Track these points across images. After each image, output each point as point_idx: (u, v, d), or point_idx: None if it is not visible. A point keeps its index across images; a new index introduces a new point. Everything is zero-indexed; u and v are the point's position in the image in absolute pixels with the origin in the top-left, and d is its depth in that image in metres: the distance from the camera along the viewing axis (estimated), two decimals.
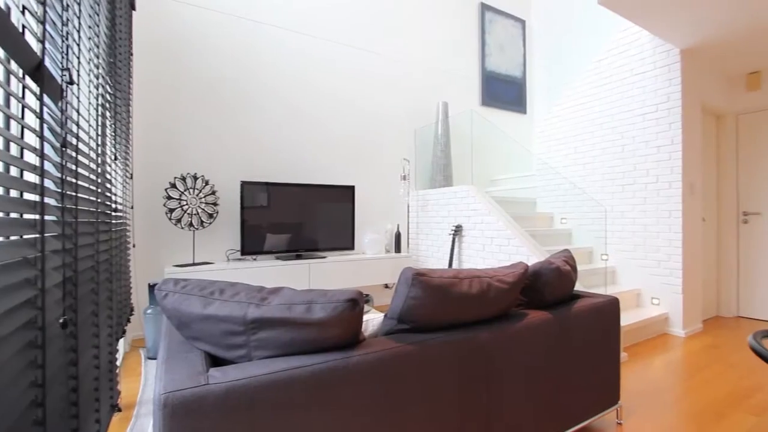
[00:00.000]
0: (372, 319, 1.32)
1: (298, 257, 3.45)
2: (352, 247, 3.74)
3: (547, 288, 1.54)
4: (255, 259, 3.34)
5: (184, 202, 3.01)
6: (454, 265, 3.75)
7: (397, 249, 4.07)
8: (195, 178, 3.06)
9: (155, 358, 2.57)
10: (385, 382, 1.05)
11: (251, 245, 3.23)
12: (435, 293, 1.15)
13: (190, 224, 3.03)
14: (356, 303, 0.97)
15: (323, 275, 3.40)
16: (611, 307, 1.78)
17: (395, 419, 1.07)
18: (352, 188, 3.74)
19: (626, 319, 3.05)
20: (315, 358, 0.97)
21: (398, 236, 4.07)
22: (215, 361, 1.01)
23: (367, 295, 2.92)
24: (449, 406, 1.19)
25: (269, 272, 3.14)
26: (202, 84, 3.28)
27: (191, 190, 3.04)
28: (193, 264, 3.02)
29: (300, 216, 3.47)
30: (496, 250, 3.29)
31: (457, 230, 3.66)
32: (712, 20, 2.83)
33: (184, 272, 2.82)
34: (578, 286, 2.85)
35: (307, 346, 0.99)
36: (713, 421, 1.91)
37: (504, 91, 5.08)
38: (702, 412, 2.00)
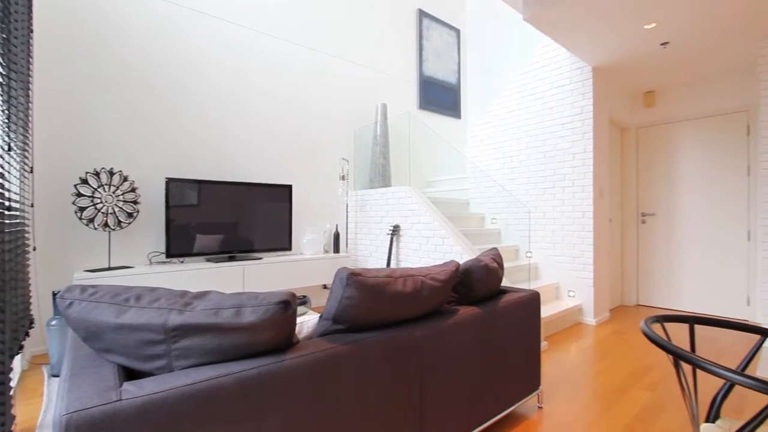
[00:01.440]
0: (307, 321, 1.29)
1: (232, 259, 3.28)
2: (289, 248, 3.65)
3: (477, 284, 1.62)
4: (182, 262, 3.12)
5: (98, 200, 2.72)
6: (393, 264, 3.82)
7: (336, 249, 4.05)
8: (111, 173, 2.78)
9: (59, 375, 2.29)
10: (320, 384, 1.04)
11: (178, 247, 3.01)
12: (370, 293, 1.16)
13: (105, 224, 2.74)
14: (289, 305, 0.95)
15: (259, 277, 3.27)
16: (533, 301, 1.93)
17: (330, 420, 1.06)
18: (289, 187, 3.64)
19: (547, 310, 3.32)
20: (244, 364, 0.93)
21: (337, 236, 4.05)
22: (131, 375, 0.93)
23: (303, 297, 2.87)
24: (384, 403, 1.21)
25: (198, 275, 2.95)
26: (124, 68, 2.98)
27: (106, 187, 2.76)
28: (109, 269, 2.74)
29: (234, 216, 3.31)
30: (432, 249, 3.41)
31: (395, 230, 3.73)
32: (612, 45, 3.19)
33: (98, 278, 2.55)
34: (505, 282, 3.04)
35: (237, 352, 0.95)
36: (617, 398, 2.15)
37: (440, 96, 5.27)
38: (609, 391, 2.25)
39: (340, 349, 1.09)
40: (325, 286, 4.15)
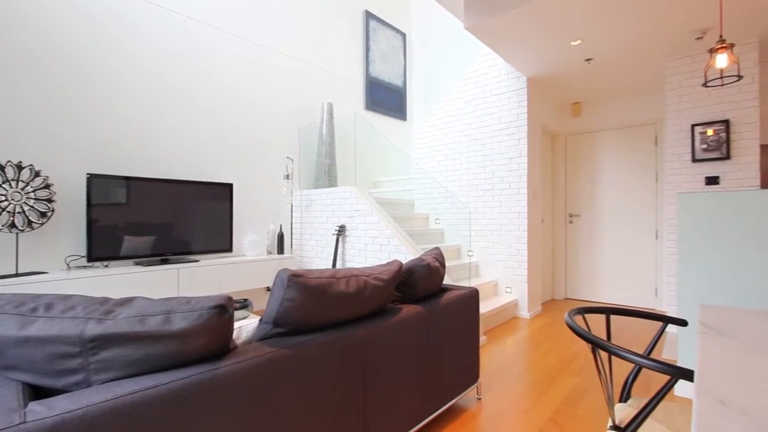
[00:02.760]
0: (246, 325, 1.25)
1: (165, 262, 3.06)
2: (230, 249, 3.49)
3: (419, 283, 1.67)
4: (107, 266, 2.86)
5: (2, 198, 2.40)
6: (339, 265, 3.80)
7: (281, 250, 3.94)
8: (19, 167, 2.47)
9: None
10: (259, 391, 1.01)
11: (102, 249, 2.75)
12: (312, 294, 1.15)
13: (12, 225, 2.43)
14: (225, 309, 0.91)
15: (196, 281, 3.08)
16: (472, 298, 2.02)
17: (270, 428, 1.03)
18: (230, 186, 3.48)
19: (486, 306, 3.49)
20: (175, 374, 0.87)
21: (281, 237, 3.94)
22: (41, 394, 0.83)
23: (244, 300, 2.75)
24: (327, 406, 1.20)
25: (126, 281, 2.71)
26: (37, 49, 2.66)
27: (13, 183, 2.44)
28: (16, 275, 2.43)
29: (169, 215, 3.09)
30: (377, 249, 3.44)
31: (341, 230, 3.71)
32: (544, 58, 3.44)
33: (1, 286, 2.25)
34: (447, 280, 3.15)
35: (166, 362, 0.89)
36: (548, 385, 2.32)
37: (386, 98, 5.34)
38: (540, 379, 2.41)
39: (280, 353, 1.07)
40: (268, 289, 4.02)
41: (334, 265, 3.73)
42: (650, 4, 2.62)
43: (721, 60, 2.20)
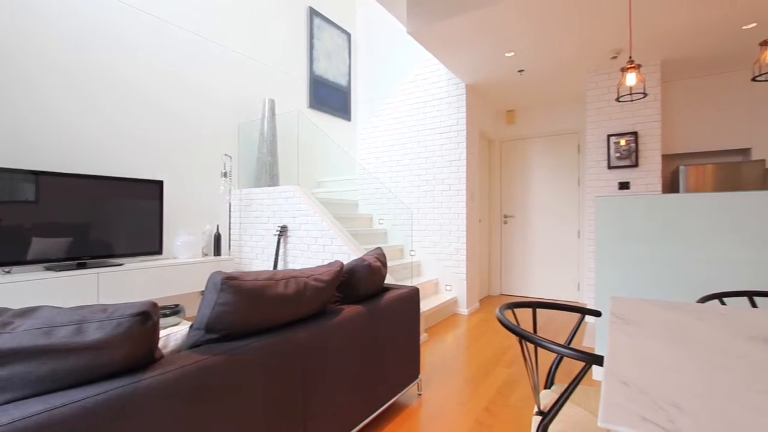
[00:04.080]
0: (175, 333, 1.17)
1: (82, 266, 2.77)
2: (159, 252, 3.24)
3: (361, 283, 1.67)
4: (8, 272, 2.52)
5: None
6: (280, 266, 3.69)
7: (217, 252, 3.74)
8: None
9: None
10: (188, 402, 0.95)
11: (2, 253, 2.42)
12: (248, 297, 1.10)
13: None
14: (148, 316, 0.84)
15: (119, 287, 2.82)
16: (413, 296, 2.07)
17: None
18: (160, 183, 3.23)
19: (427, 304, 3.60)
20: (89, 390, 0.79)
21: (218, 238, 3.74)
22: None
23: (175, 306, 2.58)
24: (264, 412, 1.16)
25: (33, 288, 2.41)
26: None
27: None
28: None
29: (87, 215, 2.80)
30: (320, 249, 3.39)
31: (283, 230, 3.61)
32: (480, 67, 3.63)
33: None
34: (390, 280, 3.20)
35: (79, 377, 0.80)
36: (483, 377, 2.44)
37: (331, 97, 5.28)
38: (477, 372, 2.53)
39: (213, 360, 1.01)
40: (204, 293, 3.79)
41: (275, 266, 3.62)
42: (571, 26, 2.87)
43: (631, 78, 2.47)
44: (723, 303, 1.43)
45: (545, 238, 4.75)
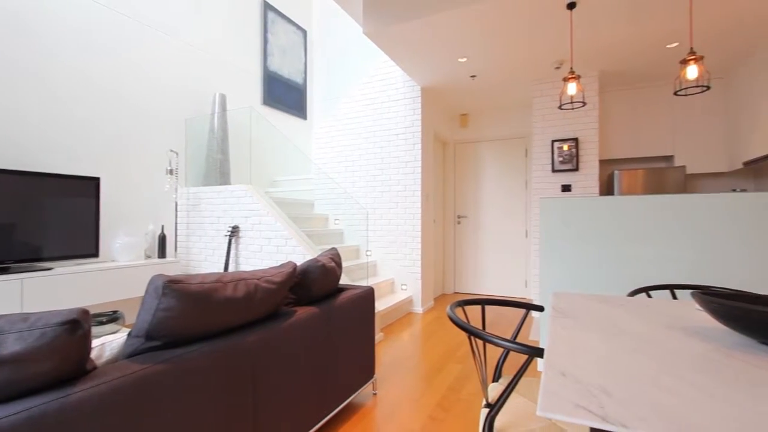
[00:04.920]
0: (111, 342, 1.09)
1: (3, 271, 2.49)
2: (96, 254, 3.00)
3: (315, 284, 1.65)
4: None
5: None
6: (232, 268, 3.55)
7: (162, 254, 3.52)
8: None
9: None
10: (126, 416, 0.89)
11: None
12: (193, 301, 1.05)
13: None
14: (77, 325, 0.78)
15: (48, 294, 2.57)
16: (368, 296, 2.08)
17: None
18: (96, 180, 2.99)
19: (383, 304, 3.62)
20: (8, 408, 0.72)
21: (163, 239, 3.53)
22: None
23: (114, 312, 2.40)
24: (212, 420, 1.11)
25: None
26: None
27: None
28: None
29: (10, 215, 2.52)
30: (274, 250, 3.31)
31: (234, 231, 3.48)
32: (435, 70, 3.72)
33: None
34: (346, 280, 3.19)
35: None
36: (436, 374, 2.50)
37: (286, 95, 5.17)
38: (430, 369, 2.59)
39: (153, 369, 0.95)
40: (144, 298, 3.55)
41: (226, 268, 3.48)
42: (518, 36, 3.02)
43: (571, 88, 2.64)
44: (649, 296, 1.57)
45: (496, 237, 4.96)
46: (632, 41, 3.12)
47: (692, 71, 2.29)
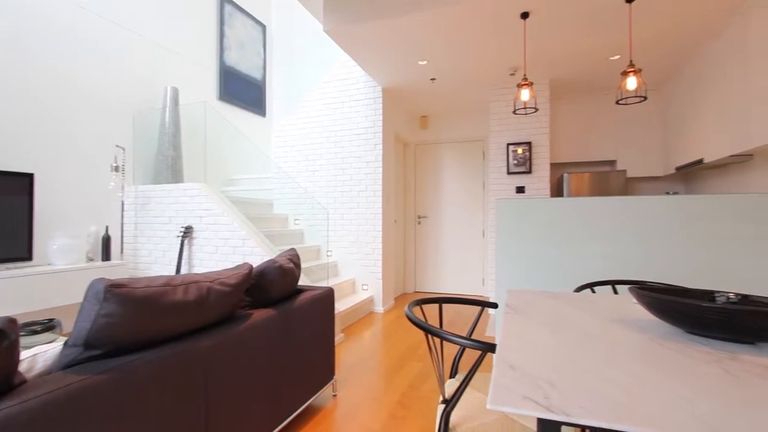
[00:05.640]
0: (44, 352, 1.00)
1: None
2: (29, 257, 2.75)
3: (272, 286, 1.61)
4: None
5: None
6: (184, 270, 3.39)
7: (106, 256, 3.29)
8: None
9: None
10: None
11: None
12: (139, 306, 0.99)
13: None
14: (2, 336, 0.71)
15: None
16: (327, 297, 2.06)
17: None
18: (29, 177, 2.74)
19: (344, 304, 3.60)
20: None
21: (107, 240, 3.30)
22: None
23: (50, 320, 2.21)
24: (160, 431, 1.05)
25: None
26: None
27: None
28: None
29: None
30: (230, 251, 3.19)
31: (188, 232, 3.32)
32: (395, 72, 3.76)
33: None
34: (306, 281, 3.14)
35: None
36: (396, 372, 2.52)
37: (244, 90, 5.00)
38: (391, 368, 2.61)
39: (93, 380, 0.89)
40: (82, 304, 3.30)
41: (178, 271, 3.31)
42: (475, 42, 3.12)
43: (525, 94, 2.77)
44: (593, 291, 1.68)
45: (455, 237, 5.08)
46: (579, 52, 3.32)
47: (631, 82, 2.48)
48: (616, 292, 1.75)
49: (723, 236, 2.42)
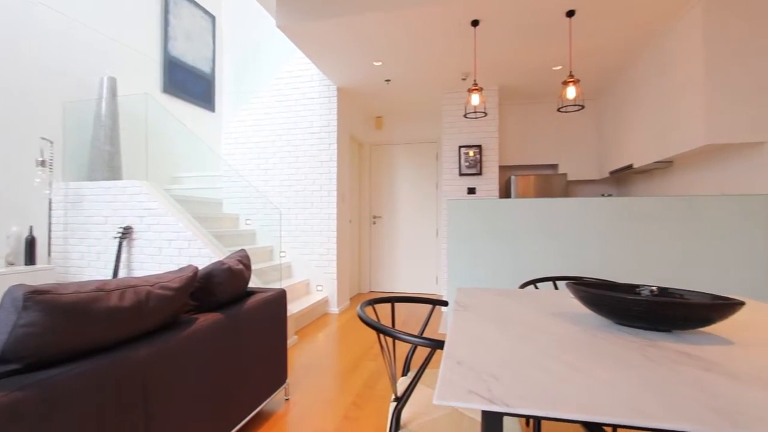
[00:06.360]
0: None
1: None
2: None
3: (220, 288, 1.55)
4: None
5: None
6: (123, 274, 3.15)
7: (30, 260, 2.98)
8: None
9: None
10: None
11: None
12: (65, 314, 0.91)
13: None
14: None
15: None
16: (279, 299, 2.01)
17: None
18: None
19: (298, 306, 3.54)
20: None
21: (31, 242, 2.99)
22: None
23: None
24: None
25: None
26: None
27: None
28: None
29: None
30: (175, 253, 3.02)
31: (127, 232, 3.09)
32: (350, 72, 3.75)
33: None
34: (259, 283, 3.05)
35: None
36: (351, 373, 2.51)
37: (191, 83, 4.75)
38: (345, 368, 2.60)
39: (9, 398, 0.80)
40: None
41: (115, 274, 3.08)
42: (429, 47, 3.19)
43: (475, 99, 2.87)
44: (536, 287, 1.78)
45: (409, 236, 5.16)
46: (525, 61, 3.50)
47: (571, 92, 2.65)
48: (556, 288, 1.87)
49: (648, 234, 2.66)
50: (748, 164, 2.48)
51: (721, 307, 0.88)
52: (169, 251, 3.03)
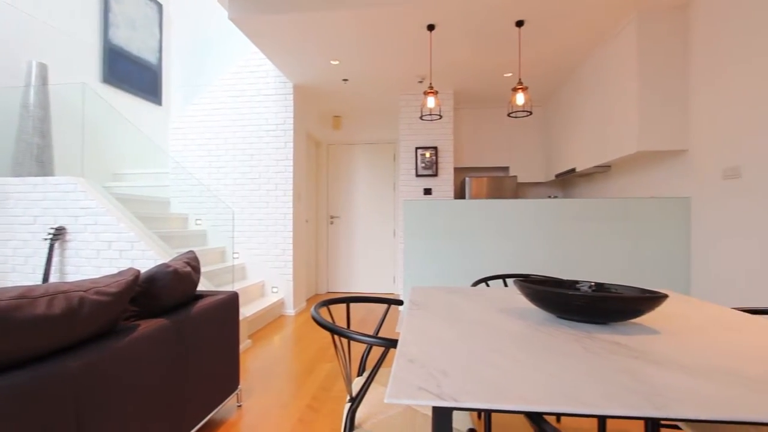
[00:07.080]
0: None
1: None
2: None
3: (164, 292, 1.46)
4: None
5: None
6: (54, 278, 2.89)
7: None
8: None
9: None
10: None
11: None
12: None
13: None
14: None
15: None
16: (231, 302, 1.94)
17: None
18: None
19: (252, 308, 3.42)
20: None
21: None
22: None
23: None
24: None
25: None
26: None
27: None
28: None
29: None
30: (115, 255, 2.81)
31: (59, 233, 2.84)
32: (307, 70, 3.69)
33: None
34: (210, 286, 2.92)
35: None
36: (307, 375, 2.47)
37: (135, 74, 4.45)
38: (301, 371, 2.55)
39: None
40: None
41: (45, 279, 2.82)
42: (386, 48, 3.21)
43: (430, 101, 2.93)
44: (487, 285, 1.85)
45: (367, 237, 5.17)
46: (478, 67, 3.62)
47: (520, 98, 2.78)
48: (506, 285, 1.95)
49: (588, 233, 2.85)
50: (673, 170, 2.73)
51: (649, 300, 0.96)
52: (109, 253, 2.83)
